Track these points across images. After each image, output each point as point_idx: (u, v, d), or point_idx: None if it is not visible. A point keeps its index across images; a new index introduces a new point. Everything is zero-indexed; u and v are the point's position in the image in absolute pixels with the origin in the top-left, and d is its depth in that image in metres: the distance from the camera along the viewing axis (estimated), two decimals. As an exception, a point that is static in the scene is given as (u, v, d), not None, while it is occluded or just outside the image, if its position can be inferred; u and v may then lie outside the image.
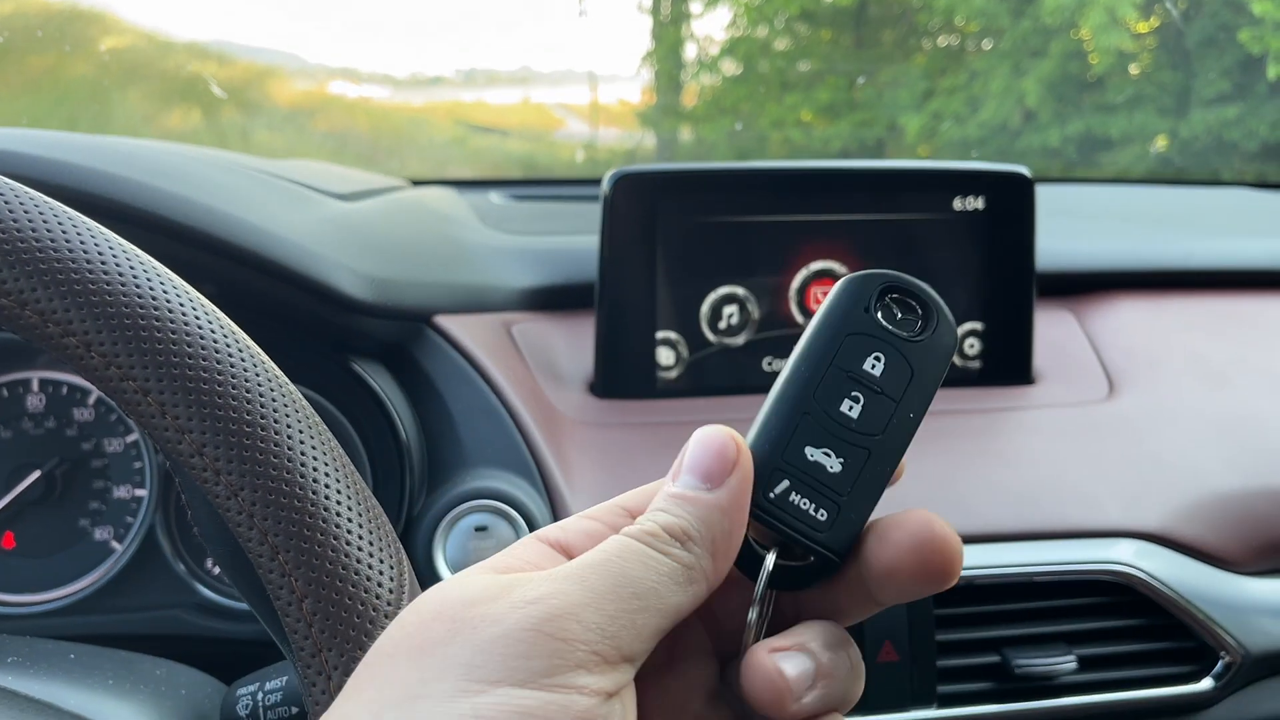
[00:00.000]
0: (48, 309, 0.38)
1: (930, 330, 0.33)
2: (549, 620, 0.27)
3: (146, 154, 0.66)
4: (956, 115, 2.50)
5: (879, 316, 0.33)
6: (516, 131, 2.19)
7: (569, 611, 0.27)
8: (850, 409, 0.32)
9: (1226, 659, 0.72)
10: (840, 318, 0.33)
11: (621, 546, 0.29)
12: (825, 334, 0.33)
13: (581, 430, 0.77)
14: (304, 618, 0.39)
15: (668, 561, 0.29)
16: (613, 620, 0.27)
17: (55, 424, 0.75)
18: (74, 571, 0.74)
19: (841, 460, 0.32)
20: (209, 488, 0.39)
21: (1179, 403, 0.83)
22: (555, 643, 0.26)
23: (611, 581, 0.28)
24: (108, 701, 0.51)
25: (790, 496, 0.31)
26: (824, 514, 0.31)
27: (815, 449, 0.32)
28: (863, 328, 0.32)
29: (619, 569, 0.28)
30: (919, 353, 0.33)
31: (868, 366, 0.32)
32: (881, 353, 0.32)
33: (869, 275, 0.33)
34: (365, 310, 0.71)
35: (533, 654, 0.26)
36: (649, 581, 0.28)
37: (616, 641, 0.27)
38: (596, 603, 0.27)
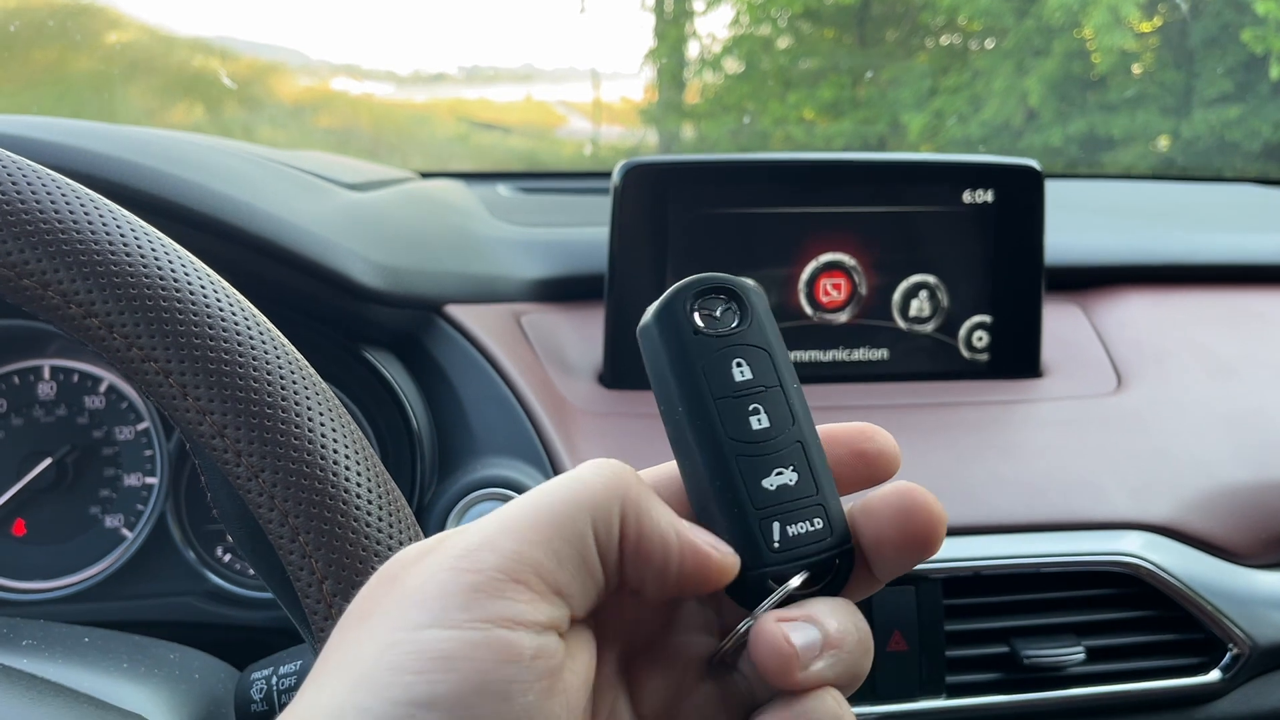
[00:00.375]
0: (70, 290, 0.38)
1: (748, 308, 0.32)
2: (464, 555, 0.26)
3: (162, 141, 0.66)
4: (959, 114, 2.50)
5: (706, 331, 0.32)
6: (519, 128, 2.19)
7: (484, 542, 0.27)
8: (759, 422, 0.31)
9: (1234, 651, 0.72)
10: (680, 354, 0.32)
11: (549, 480, 0.29)
12: (682, 376, 0.31)
13: (590, 420, 0.77)
14: (324, 599, 0.39)
15: (583, 476, 0.29)
16: (530, 545, 0.27)
17: (66, 411, 0.75)
18: (85, 559, 0.74)
19: (792, 468, 0.31)
20: (230, 469, 0.39)
21: (1187, 396, 0.83)
22: (469, 575, 0.26)
23: (528, 507, 0.28)
24: (123, 685, 0.51)
25: (789, 531, 0.31)
26: (818, 522, 0.31)
27: (768, 477, 0.31)
28: (706, 349, 0.32)
29: (535, 495, 0.28)
30: (757, 332, 0.32)
31: (739, 377, 0.31)
32: (738, 358, 0.32)
33: (668, 301, 0.32)
34: (377, 299, 0.71)
35: (451, 591, 0.26)
36: (563, 505, 0.28)
37: (536, 567, 0.26)
38: (511, 530, 0.27)
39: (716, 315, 0.32)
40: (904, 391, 0.83)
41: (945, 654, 0.69)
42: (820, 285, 0.83)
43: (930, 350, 0.85)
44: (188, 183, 0.63)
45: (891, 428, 0.35)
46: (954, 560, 0.70)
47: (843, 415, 0.76)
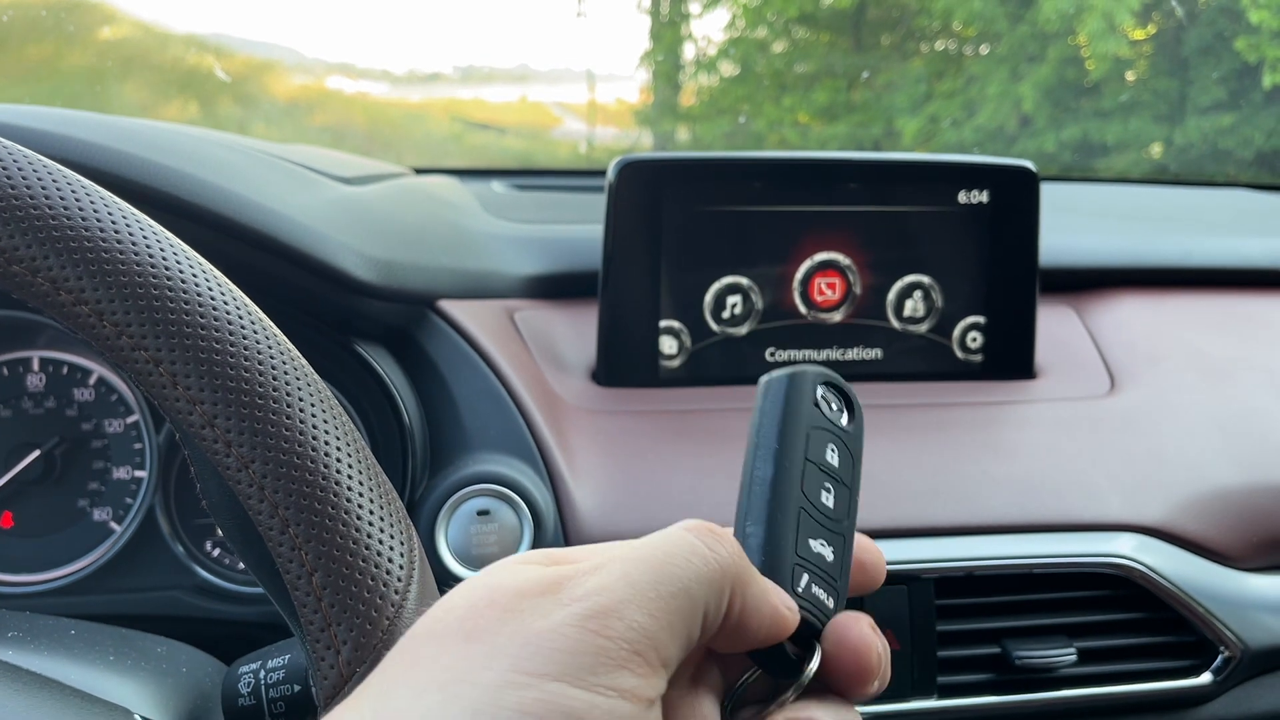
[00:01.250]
0: (59, 277, 0.38)
1: (856, 418, 0.37)
2: (594, 617, 0.27)
3: (153, 132, 0.66)
4: (954, 118, 2.51)
5: (823, 410, 0.36)
6: (513, 129, 2.19)
7: (613, 608, 0.27)
8: (827, 499, 0.35)
9: (1226, 654, 0.72)
10: (799, 414, 0.35)
11: (664, 538, 0.30)
12: (795, 430, 0.35)
13: (584, 417, 0.76)
14: (314, 592, 0.39)
15: (704, 552, 0.29)
16: (653, 619, 0.27)
17: (55, 404, 0.74)
18: (72, 552, 0.73)
19: (833, 549, 0.34)
20: (219, 460, 0.39)
21: (1180, 398, 0.83)
22: (601, 640, 0.26)
23: (653, 574, 0.28)
24: (109, 678, 0.50)
25: (812, 589, 0.33)
26: (831, 600, 0.34)
27: (814, 540, 0.34)
28: (818, 422, 0.36)
29: (662, 566, 0.29)
30: (854, 440, 0.36)
31: (829, 458, 0.35)
32: (834, 444, 0.35)
33: (814, 373, 0.36)
34: (370, 292, 0.71)
35: (580, 650, 0.26)
36: (689, 582, 0.28)
37: (655, 642, 0.27)
38: (639, 599, 0.27)
39: (833, 407, 0.37)
40: (898, 392, 0.83)
41: (937, 654, 0.69)
42: (815, 284, 0.83)
43: (924, 350, 0.85)
44: (179, 173, 0.62)
45: (885, 428, 0.37)
46: (946, 560, 0.70)
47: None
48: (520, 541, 0.68)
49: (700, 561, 0.29)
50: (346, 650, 0.38)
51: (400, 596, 0.40)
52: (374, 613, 0.39)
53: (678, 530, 0.30)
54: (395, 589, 0.40)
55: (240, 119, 1.62)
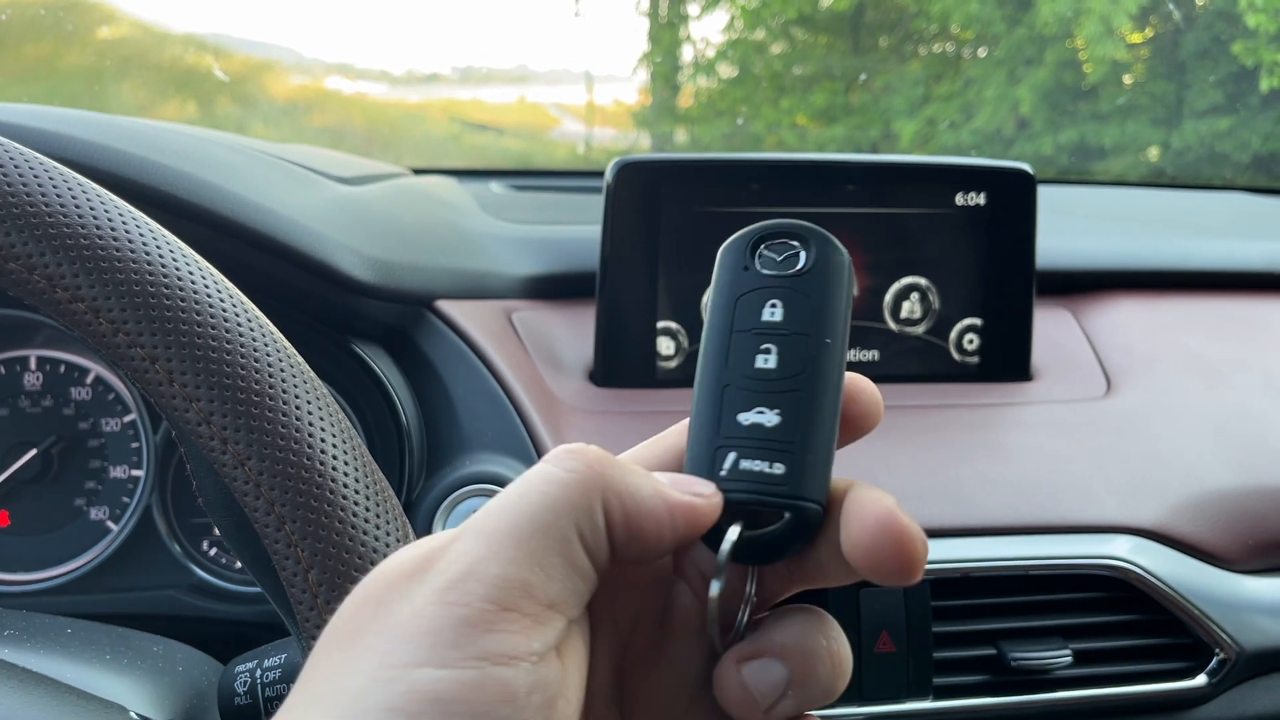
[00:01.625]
0: (56, 274, 0.38)
1: (813, 258, 0.32)
2: (451, 586, 0.25)
3: (151, 131, 0.66)
4: (951, 121, 2.51)
5: (759, 269, 0.32)
6: (512, 130, 2.19)
7: (470, 570, 0.25)
8: (766, 361, 0.31)
9: (1221, 656, 0.72)
10: (726, 286, 0.33)
11: (519, 480, 0.28)
12: (718, 306, 0.32)
13: (581, 417, 0.76)
14: (309, 588, 0.39)
15: (558, 474, 0.27)
16: (516, 565, 0.25)
17: (52, 402, 0.74)
18: (69, 551, 0.73)
19: (777, 411, 0.31)
20: (215, 457, 0.39)
21: (1176, 401, 0.83)
22: (459, 609, 0.24)
23: (507, 520, 0.26)
24: (105, 676, 0.50)
25: (741, 464, 0.30)
26: (780, 467, 0.30)
27: (747, 412, 0.31)
28: (749, 284, 0.32)
29: (510, 504, 0.27)
30: (813, 283, 0.32)
31: (766, 316, 0.32)
32: (776, 299, 0.32)
33: (738, 235, 0.33)
34: (367, 292, 0.71)
35: (441, 627, 0.24)
36: (542, 512, 0.26)
37: (526, 589, 0.25)
38: (495, 551, 0.25)
39: (778, 259, 0.33)
40: (894, 393, 0.82)
41: (933, 655, 0.69)
42: (812, 286, 0.83)
43: (921, 352, 0.85)
44: (178, 172, 0.62)
45: (881, 429, 0.35)
46: (942, 562, 0.70)
47: (833, 416, 0.76)
48: (517, 541, 0.68)
49: (552, 487, 0.27)
50: (342, 648, 0.38)
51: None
52: (370, 611, 0.39)
53: (536, 465, 0.28)
54: (391, 586, 0.40)
55: (239, 119, 1.62)
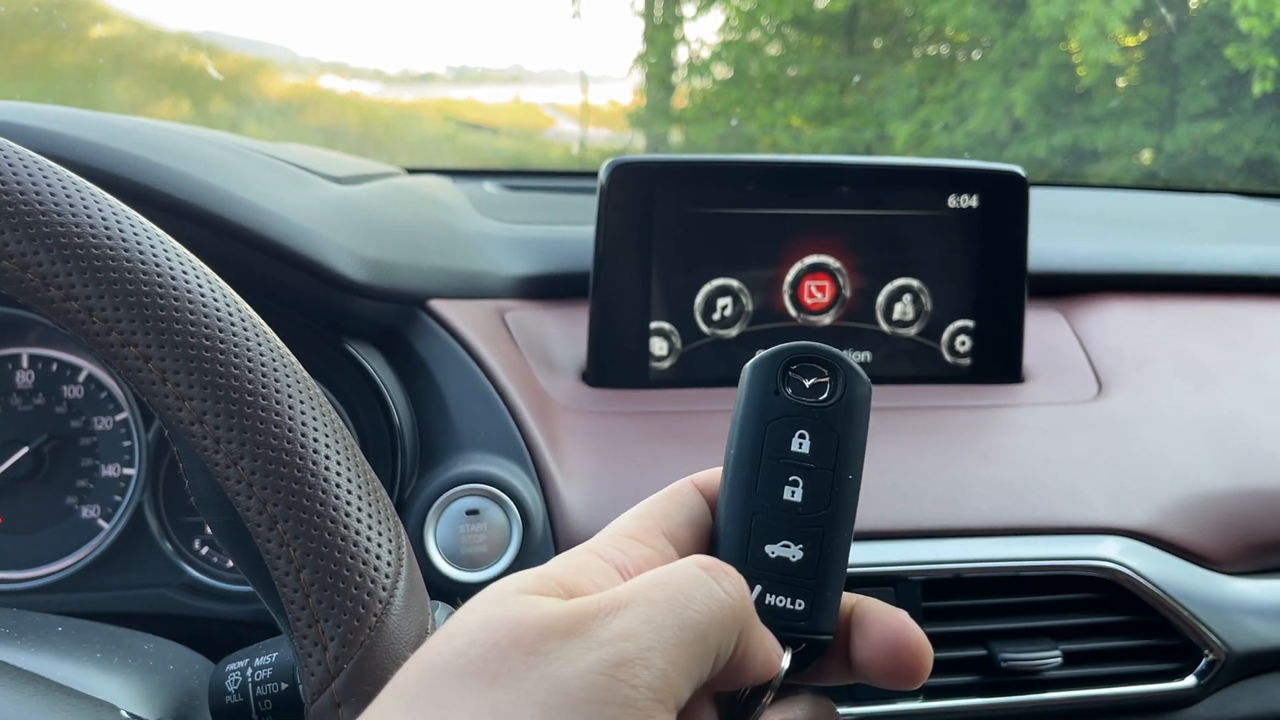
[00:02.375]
0: (49, 273, 0.38)
1: (841, 389, 0.33)
2: (621, 665, 0.26)
3: (145, 130, 0.66)
4: (945, 124, 2.51)
5: (789, 393, 0.33)
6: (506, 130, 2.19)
7: (639, 656, 0.27)
8: (793, 495, 0.33)
9: (1210, 657, 0.72)
10: (758, 408, 0.33)
11: (682, 572, 0.29)
12: (749, 429, 0.33)
13: (574, 417, 0.77)
14: (301, 588, 0.39)
15: (720, 594, 0.29)
16: (675, 665, 0.27)
17: (44, 400, 0.74)
18: (60, 549, 0.73)
19: (801, 547, 0.32)
20: (208, 456, 0.39)
21: (1167, 403, 0.84)
22: (627, 690, 0.26)
23: (675, 620, 0.28)
24: (96, 675, 0.50)
25: (766, 600, 0.32)
26: (801, 604, 0.32)
27: (774, 545, 0.32)
28: (779, 411, 0.33)
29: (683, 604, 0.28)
30: (838, 415, 0.33)
31: (795, 447, 0.33)
32: (804, 430, 0.33)
33: (769, 356, 0.34)
34: (360, 291, 0.71)
35: (608, 700, 0.26)
36: (709, 628, 0.28)
37: (674, 689, 0.27)
38: (662, 646, 0.27)
39: (806, 385, 0.34)
40: (886, 395, 0.83)
41: (923, 656, 0.69)
42: (805, 287, 0.84)
43: (913, 354, 0.86)
44: (171, 171, 0.62)
45: (873, 430, 0.35)
46: (933, 562, 0.70)
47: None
48: (509, 541, 0.68)
49: (716, 605, 0.29)
50: (334, 647, 0.38)
51: (388, 594, 0.40)
52: (361, 609, 0.39)
53: (692, 568, 0.30)
54: (383, 585, 0.40)
55: (233, 118, 1.62)
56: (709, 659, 0.28)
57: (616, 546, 0.32)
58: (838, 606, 0.33)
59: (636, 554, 0.32)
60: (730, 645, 0.29)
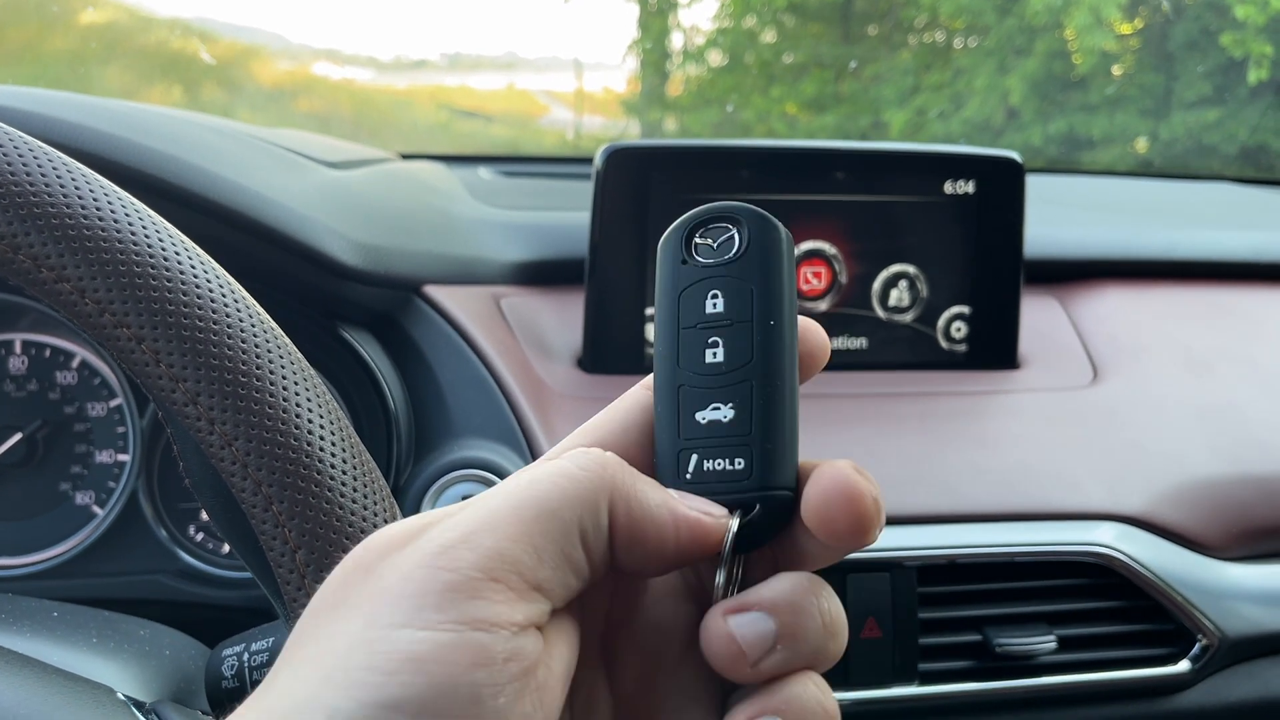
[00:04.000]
0: (41, 254, 0.37)
1: (746, 241, 0.32)
2: (442, 553, 0.25)
3: (138, 114, 0.66)
4: (941, 111, 2.51)
5: (697, 258, 0.32)
6: (500, 117, 2.18)
7: (463, 539, 0.26)
8: (714, 355, 0.31)
9: (1204, 642, 0.73)
10: (668, 282, 0.33)
11: (531, 468, 0.28)
12: (663, 304, 0.33)
13: (569, 404, 0.76)
14: (297, 568, 0.39)
15: (571, 470, 0.28)
16: (512, 541, 0.26)
17: (38, 386, 0.74)
18: (54, 536, 0.73)
19: (731, 406, 0.31)
20: (203, 437, 0.39)
21: (1162, 390, 0.84)
22: (446, 574, 0.25)
23: (511, 501, 0.27)
24: (92, 660, 0.50)
25: (704, 466, 0.31)
26: (740, 462, 0.30)
27: (703, 411, 0.31)
28: (688, 278, 0.32)
29: (518, 488, 0.27)
30: (747, 266, 0.32)
31: (709, 309, 0.32)
32: (715, 289, 0.32)
33: (673, 227, 0.33)
34: (355, 277, 0.71)
35: (426, 590, 0.25)
36: (548, 501, 0.27)
37: (516, 565, 0.26)
38: (492, 526, 0.26)
39: (713, 245, 0.32)
40: (882, 381, 0.83)
41: (919, 641, 0.69)
42: (801, 273, 0.83)
43: (909, 340, 0.86)
44: (164, 155, 0.62)
45: (869, 416, 0.35)
46: (929, 548, 0.70)
47: (820, 403, 0.76)
48: (505, 527, 0.68)
49: (566, 480, 0.27)
50: (330, 630, 0.38)
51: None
52: (358, 592, 0.39)
53: (553, 460, 0.29)
54: (379, 567, 0.40)
55: (224, 105, 1.61)
56: (569, 535, 0.27)
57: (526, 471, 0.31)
58: (791, 460, 0.31)
59: None
60: (599, 518, 0.28)
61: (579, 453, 0.29)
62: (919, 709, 0.70)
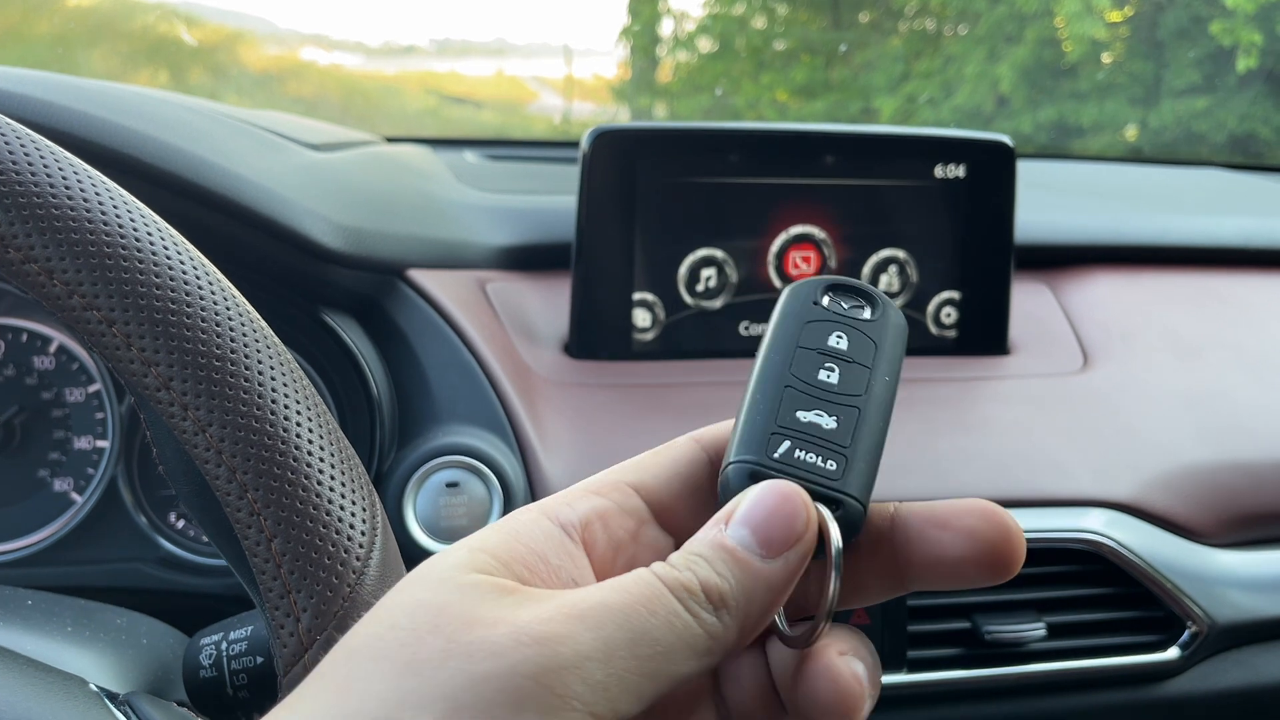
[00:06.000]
0: (8, 234, 0.36)
1: (879, 313, 0.34)
2: (550, 671, 0.24)
3: (114, 94, 0.64)
4: (931, 98, 2.51)
5: (827, 305, 0.34)
6: (490, 103, 2.17)
7: (574, 664, 0.24)
8: (829, 376, 0.32)
9: (1193, 629, 0.72)
10: (796, 311, 0.34)
11: (650, 595, 0.26)
12: (787, 325, 0.33)
13: (555, 389, 0.76)
14: (273, 558, 0.38)
15: (695, 627, 0.26)
16: (618, 680, 0.25)
17: (14, 372, 0.73)
18: (32, 523, 0.72)
19: (835, 418, 0.31)
20: (175, 423, 0.38)
21: (1152, 376, 0.83)
22: (552, 697, 0.24)
23: (628, 636, 0.25)
24: (66, 649, 0.49)
25: (795, 453, 0.30)
26: (833, 464, 0.30)
27: (806, 412, 0.31)
28: (817, 315, 0.33)
29: (641, 624, 0.25)
30: (876, 329, 0.33)
31: (832, 342, 0.33)
32: (841, 331, 0.33)
33: (811, 279, 0.35)
34: (337, 260, 0.69)
35: (524, 703, 0.23)
36: (667, 643, 0.25)
37: (615, 704, 0.25)
38: (606, 658, 0.25)
39: (845, 306, 0.34)
40: (871, 367, 0.82)
41: (907, 629, 0.69)
42: (790, 258, 0.83)
43: (898, 326, 0.85)
44: (141, 135, 0.61)
45: None
46: (918, 535, 0.70)
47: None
48: (489, 514, 0.67)
49: (683, 626, 0.26)
50: (306, 618, 0.37)
51: (361, 564, 0.39)
52: (334, 580, 0.38)
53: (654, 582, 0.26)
54: (357, 555, 0.39)
55: (211, 89, 1.60)
56: (668, 682, 0.25)
57: (567, 501, 0.30)
58: (872, 485, 0.31)
59: (585, 507, 0.30)
60: (706, 669, 0.26)
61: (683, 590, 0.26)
62: (908, 696, 0.69)
